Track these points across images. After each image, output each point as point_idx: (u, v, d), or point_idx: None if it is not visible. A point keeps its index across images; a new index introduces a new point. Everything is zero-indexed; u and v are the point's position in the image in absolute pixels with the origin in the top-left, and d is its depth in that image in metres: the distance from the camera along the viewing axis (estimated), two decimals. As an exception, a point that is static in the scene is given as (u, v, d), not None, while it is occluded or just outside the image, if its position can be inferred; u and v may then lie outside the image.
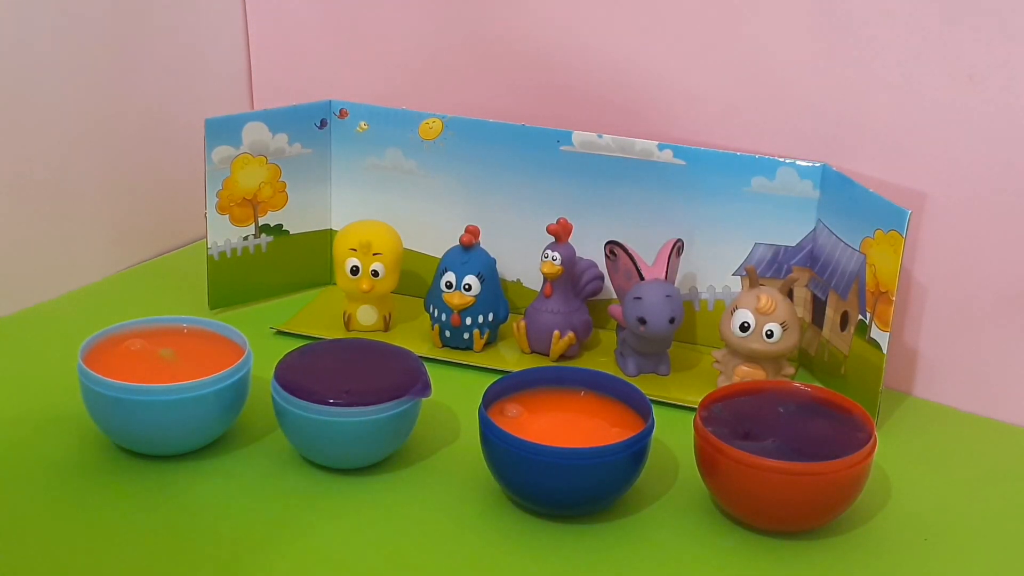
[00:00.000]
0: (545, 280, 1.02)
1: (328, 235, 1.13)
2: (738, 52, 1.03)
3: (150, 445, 0.86)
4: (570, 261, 1.01)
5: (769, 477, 0.78)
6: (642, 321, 0.96)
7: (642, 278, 0.98)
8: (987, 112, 0.93)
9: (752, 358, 0.95)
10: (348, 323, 1.06)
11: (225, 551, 0.78)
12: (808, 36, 0.99)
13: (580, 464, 0.79)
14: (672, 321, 0.97)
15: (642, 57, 1.07)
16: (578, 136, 1.05)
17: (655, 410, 0.84)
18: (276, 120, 1.08)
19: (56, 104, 1.09)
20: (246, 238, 1.09)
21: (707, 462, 0.82)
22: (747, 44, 1.02)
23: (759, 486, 0.79)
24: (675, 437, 0.90)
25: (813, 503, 0.80)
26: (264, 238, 1.10)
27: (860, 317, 0.95)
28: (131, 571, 0.76)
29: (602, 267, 1.03)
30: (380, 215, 1.08)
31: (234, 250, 1.09)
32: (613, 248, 1.00)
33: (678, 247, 1.00)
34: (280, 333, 1.05)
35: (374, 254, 1.03)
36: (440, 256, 1.04)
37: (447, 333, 1.03)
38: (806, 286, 1.02)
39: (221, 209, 1.07)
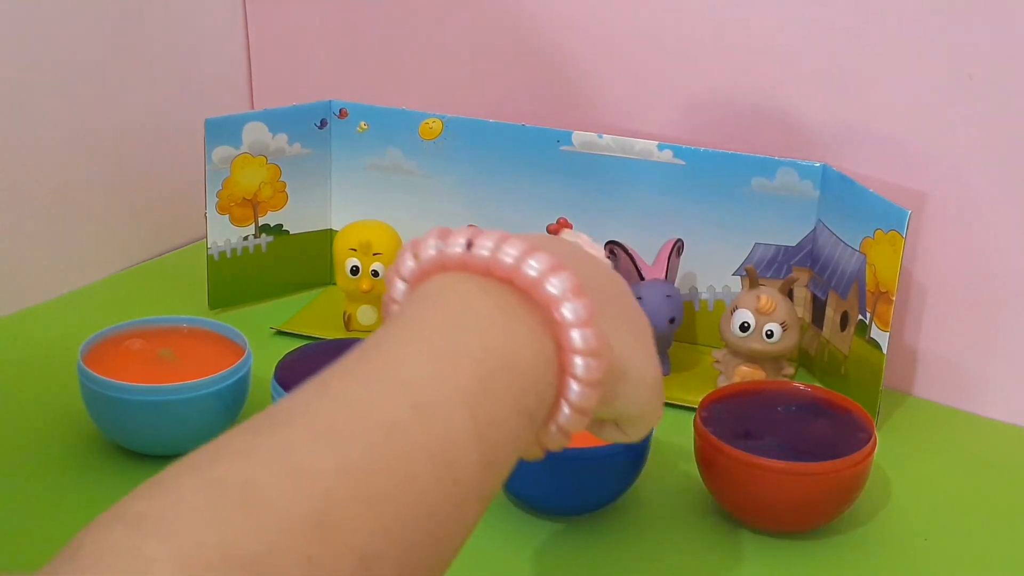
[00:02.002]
0: (545, 280, 1.01)
1: (328, 235, 1.13)
2: (738, 52, 1.03)
3: (150, 445, 0.86)
4: (570, 261, 1.01)
5: (769, 477, 0.78)
6: (642, 321, 0.96)
7: (642, 278, 0.98)
8: (987, 112, 0.93)
9: (752, 358, 0.95)
10: (348, 323, 1.06)
11: (225, 551, 0.78)
12: (808, 36, 0.99)
13: (579, 465, 0.79)
14: (672, 321, 0.97)
15: (642, 56, 1.07)
16: (578, 136, 1.05)
17: (655, 410, 0.84)
18: (276, 120, 1.08)
19: (55, 104, 1.09)
20: (246, 238, 1.09)
21: (707, 462, 0.82)
22: (747, 44, 1.02)
23: (759, 486, 0.79)
24: (675, 437, 0.89)
25: (813, 503, 0.80)
26: (264, 238, 1.10)
27: (860, 317, 0.95)
28: (131, 571, 0.76)
29: (602, 267, 1.03)
30: (380, 215, 1.08)
31: (234, 250, 1.09)
32: (613, 248, 1.00)
33: (678, 247, 1.00)
34: (280, 333, 1.05)
35: (374, 254, 1.02)
36: (440, 256, 1.04)
37: (447, 333, 1.03)
38: (806, 286, 1.02)
39: (221, 209, 1.07)
